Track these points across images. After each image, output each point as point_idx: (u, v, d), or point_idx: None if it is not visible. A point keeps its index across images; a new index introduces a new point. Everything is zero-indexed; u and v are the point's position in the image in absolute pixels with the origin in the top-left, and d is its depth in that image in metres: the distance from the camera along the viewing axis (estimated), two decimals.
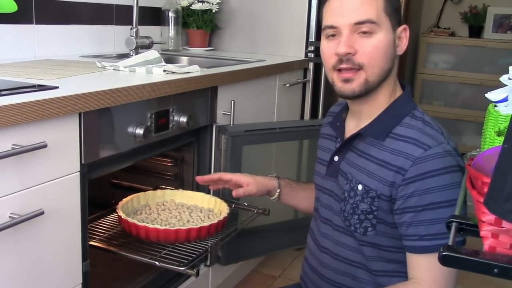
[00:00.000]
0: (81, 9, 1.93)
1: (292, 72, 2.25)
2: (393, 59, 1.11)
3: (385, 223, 1.10)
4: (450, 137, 1.10)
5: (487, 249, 0.66)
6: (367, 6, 1.07)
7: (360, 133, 1.13)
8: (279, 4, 2.40)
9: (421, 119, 1.10)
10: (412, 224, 1.04)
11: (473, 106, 3.94)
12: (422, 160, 1.03)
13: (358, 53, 1.07)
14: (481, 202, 0.64)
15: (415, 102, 1.16)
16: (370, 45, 1.07)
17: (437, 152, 1.03)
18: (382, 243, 1.12)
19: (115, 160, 1.33)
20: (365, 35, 1.07)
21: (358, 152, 1.14)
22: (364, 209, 1.11)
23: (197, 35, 2.47)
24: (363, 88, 1.09)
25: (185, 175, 1.76)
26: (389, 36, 1.09)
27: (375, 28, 1.07)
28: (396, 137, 1.08)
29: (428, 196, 1.02)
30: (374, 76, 1.08)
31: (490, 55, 3.91)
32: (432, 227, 1.02)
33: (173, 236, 1.32)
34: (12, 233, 1.00)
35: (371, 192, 1.09)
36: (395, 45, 1.11)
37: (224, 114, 1.72)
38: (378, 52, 1.07)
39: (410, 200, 1.04)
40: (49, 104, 1.03)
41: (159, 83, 1.37)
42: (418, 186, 1.03)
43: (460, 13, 4.21)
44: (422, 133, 1.06)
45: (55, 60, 1.68)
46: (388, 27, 1.09)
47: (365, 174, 1.11)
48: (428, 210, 1.02)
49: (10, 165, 0.98)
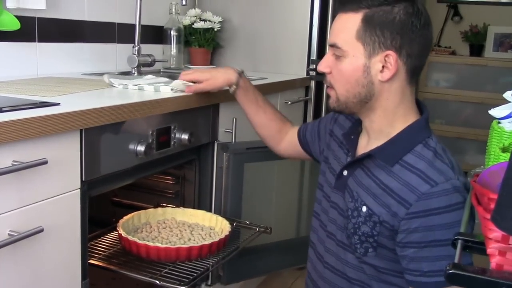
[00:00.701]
0: (84, 27, 1.95)
1: (294, 90, 2.25)
2: (366, 84, 1.09)
3: (385, 248, 1.09)
4: (461, 171, 1.07)
5: (494, 267, 0.64)
6: (341, 31, 1.10)
7: (370, 154, 1.12)
8: (280, 22, 2.41)
9: (433, 150, 1.07)
10: (414, 259, 1.03)
11: (475, 125, 3.94)
12: (428, 196, 1.01)
13: (331, 73, 1.14)
14: (487, 219, 0.63)
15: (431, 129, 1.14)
16: (337, 68, 1.12)
17: (444, 189, 1.01)
18: (381, 265, 1.10)
19: (116, 177, 1.32)
20: (336, 57, 1.11)
21: (367, 171, 1.13)
22: (365, 231, 1.09)
23: (199, 53, 2.48)
24: (336, 105, 1.15)
25: (186, 193, 1.75)
26: (358, 62, 1.08)
27: (341, 52, 1.10)
28: (405, 165, 1.06)
29: (432, 233, 1.01)
30: (342, 96, 1.13)
31: (491, 74, 3.92)
32: (434, 264, 1.01)
33: (174, 255, 1.31)
34: (11, 251, 0.99)
35: (374, 217, 1.08)
36: (369, 71, 1.08)
37: (226, 132, 1.71)
38: (341, 76, 1.11)
39: (413, 235, 1.02)
40: (50, 121, 1.02)
41: (160, 100, 1.37)
42: (422, 222, 1.01)
43: (461, 32, 4.23)
44: (430, 166, 1.04)
45: (57, 78, 1.68)
46: (358, 53, 1.08)
47: (371, 197, 1.09)
48: (431, 247, 1.01)
49: (10, 182, 0.97)
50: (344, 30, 1.09)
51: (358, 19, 1.07)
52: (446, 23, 4.33)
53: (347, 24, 1.08)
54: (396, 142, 1.10)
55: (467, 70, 4.04)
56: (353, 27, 1.07)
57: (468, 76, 4.03)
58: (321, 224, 1.25)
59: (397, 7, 1.06)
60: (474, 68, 4.00)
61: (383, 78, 1.08)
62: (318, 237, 1.26)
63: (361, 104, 1.11)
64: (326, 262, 1.21)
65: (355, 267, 1.14)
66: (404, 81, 1.10)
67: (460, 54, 4.24)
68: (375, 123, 1.13)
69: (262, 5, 2.45)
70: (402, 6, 1.06)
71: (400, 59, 1.07)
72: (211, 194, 1.71)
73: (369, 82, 1.09)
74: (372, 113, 1.13)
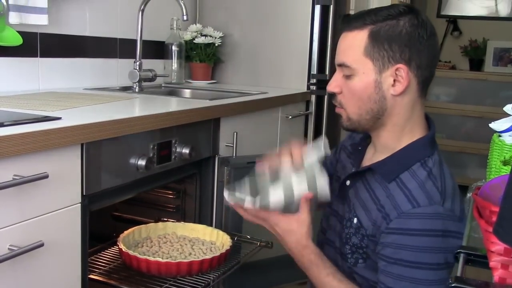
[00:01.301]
0: (85, 42, 1.96)
1: (295, 105, 2.26)
2: (378, 100, 1.08)
3: (373, 261, 1.09)
4: (454, 198, 1.05)
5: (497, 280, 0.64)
6: (348, 50, 1.09)
7: (371, 168, 1.12)
8: (281, 37, 2.43)
9: (428, 170, 1.06)
10: (383, 272, 1.04)
11: (476, 139, 3.94)
12: (407, 216, 1.02)
13: (342, 93, 1.12)
14: (489, 232, 0.63)
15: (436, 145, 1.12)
16: (347, 87, 1.10)
17: (425, 212, 1.01)
18: (370, 278, 1.10)
19: (117, 191, 1.32)
20: (346, 76, 1.10)
21: (366, 185, 1.13)
22: (355, 242, 1.11)
23: (200, 68, 2.49)
24: (348, 123, 1.13)
25: (187, 207, 1.74)
26: (369, 78, 1.07)
27: (351, 71, 1.08)
28: (399, 183, 1.07)
29: (401, 252, 1.01)
30: (353, 114, 1.11)
31: (491, 88, 3.93)
32: (398, 283, 1.02)
33: (175, 269, 1.30)
34: (11, 265, 0.98)
35: (362, 230, 1.09)
36: (380, 87, 1.08)
37: (227, 146, 1.71)
38: (352, 94, 1.10)
39: (386, 250, 1.03)
40: (51, 135, 1.02)
41: (161, 114, 1.37)
42: (395, 239, 1.02)
43: (460, 47, 4.25)
44: (420, 187, 1.04)
45: (59, 93, 1.69)
46: (368, 69, 1.07)
47: (364, 210, 1.10)
48: (398, 266, 1.02)
49: (11, 196, 0.97)
50: (351, 48, 1.08)
51: (365, 35, 1.06)
52: (446, 38, 4.35)
53: (354, 42, 1.08)
54: (396, 158, 1.10)
55: (467, 84, 4.05)
56: (361, 44, 1.06)
57: (468, 90, 4.05)
58: (324, 234, 1.26)
59: (402, 20, 1.06)
60: (474, 82, 4.02)
61: (395, 92, 1.07)
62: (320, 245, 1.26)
63: (373, 120, 1.10)
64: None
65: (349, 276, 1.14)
66: (415, 93, 1.09)
67: (460, 69, 4.26)
68: (383, 138, 1.13)
69: (262, 19, 2.46)
70: (407, 19, 1.06)
71: (411, 71, 1.07)
72: (212, 208, 1.70)
73: (382, 97, 1.08)
74: (382, 128, 1.12)
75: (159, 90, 2.25)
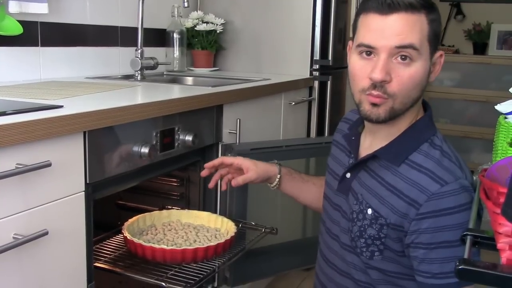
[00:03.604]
0: (86, 31, 1.95)
1: (298, 91, 2.25)
2: (424, 87, 1.06)
3: (392, 250, 1.07)
4: (468, 169, 1.05)
5: (505, 262, 0.63)
6: (411, 30, 1.00)
7: (375, 155, 1.10)
8: (283, 23, 2.41)
9: (439, 148, 1.05)
10: (424, 260, 1.01)
11: (480, 123, 3.92)
12: (438, 196, 0.99)
13: (392, 81, 1.01)
14: (497, 213, 0.62)
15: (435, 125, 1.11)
16: (406, 75, 1.01)
17: (454, 188, 0.99)
18: (388, 269, 1.08)
19: (121, 179, 1.32)
20: (403, 61, 1.01)
21: (371, 173, 1.10)
22: (371, 234, 1.07)
23: (202, 55, 2.47)
24: (388, 115, 1.04)
25: (191, 195, 1.74)
26: (427, 65, 1.04)
27: (415, 56, 1.01)
28: (412, 165, 1.04)
29: (442, 234, 0.98)
30: (401, 105, 1.04)
31: (495, 72, 3.90)
32: (445, 266, 0.99)
33: (180, 257, 1.30)
34: (16, 254, 0.98)
35: (381, 219, 1.06)
36: (427, 74, 1.05)
37: (230, 133, 1.70)
38: (412, 83, 1.02)
39: (423, 236, 1.00)
40: (53, 123, 1.02)
41: (164, 102, 1.36)
42: (432, 222, 0.99)
43: (464, 31, 4.22)
44: (439, 165, 1.02)
45: (60, 82, 1.68)
46: (427, 55, 1.03)
47: (377, 199, 1.07)
48: (441, 248, 0.99)
49: (14, 185, 0.97)
50: (415, 30, 1.00)
51: (425, 19, 1.02)
52: (449, 22, 4.32)
53: (417, 25, 1.01)
54: (401, 142, 1.08)
55: (471, 68, 4.02)
56: (424, 28, 1.01)
57: (472, 74, 4.02)
58: (326, 228, 1.24)
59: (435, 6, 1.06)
60: (478, 66, 3.99)
61: (432, 78, 1.07)
62: (323, 240, 1.25)
63: (408, 108, 1.07)
64: (332, 263, 1.20)
65: (361, 269, 1.12)
66: None
67: (463, 53, 4.23)
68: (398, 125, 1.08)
69: (264, 5, 2.44)
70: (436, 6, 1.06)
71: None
72: (216, 195, 1.70)
73: (426, 83, 1.06)
74: (403, 115, 1.07)
75: (161, 78, 2.24)
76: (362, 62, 1.04)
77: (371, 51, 1.03)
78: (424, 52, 1.02)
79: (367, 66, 1.03)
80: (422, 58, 1.02)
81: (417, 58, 1.01)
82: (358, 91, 1.06)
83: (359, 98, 1.07)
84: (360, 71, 1.05)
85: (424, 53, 1.02)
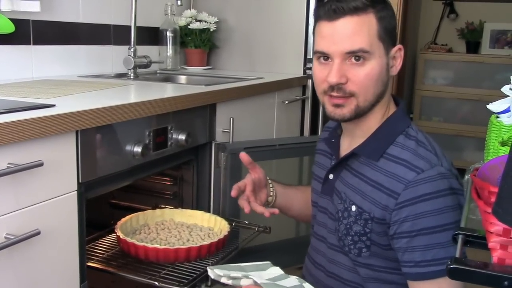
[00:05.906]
0: (79, 29, 1.94)
1: (291, 89, 2.25)
2: (386, 82, 1.10)
3: (378, 245, 1.08)
4: (445, 156, 1.08)
5: (496, 261, 0.64)
6: (359, 34, 1.05)
7: (354, 153, 1.12)
8: (276, 22, 2.41)
9: (414, 139, 1.08)
10: (407, 250, 1.02)
11: (473, 122, 3.94)
12: (415, 183, 1.01)
13: (349, 81, 1.06)
14: (488, 213, 0.62)
15: (410, 117, 1.15)
16: (362, 74, 1.06)
17: (430, 175, 1.01)
18: (376, 264, 1.10)
19: (113, 178, 1.31)
20: (357, 62, 1.06)
21: (353, 171, 1.13)
22: (357, 230, 1.09)
23: (195, 54, 2.47)
24: (354, 113, 1.09)
25: (184, 194, 1.74)
26: (382, 61, 1.08)
27: (367, 56, 1.06)
28: (390, 157, 1.07)
29: (421, 220, 1.00)
30: (365, 102, 1.08)
31: (488, 71, 3.92)
32: (427, 253, 1.00)
33: (173, 256, 1.30)
34: (8, 254, 0.98)
35: (364, 214, 1.08)
36: (388, 68, 1.10)
37: (223, 132, 1.70)
38: (369, 80, 1.06)
39: (403, 225, 1.02)
40: (45, 122, 1.01)
41: (157, 101, 1.36)
42: (410, 210, 1.01)
43: (457, 30, 4.23)
44: (415, 155, 1.04)
45: (53, 80, 1.67)
46: (381, 52, 1.07)
47: (359, 195, 1.09)
48: (421, 236, 1.00)
49: (6, 184, 0.96)
50: (363, 32, 1.05)
51: (373, 18, 1.05)
52: (442, 20, 4.33)
53: (364, 26, 1.05)
54: (377, 137, 1.11)
55: (464, 67, 4.04)
56: (373, 28, 1.05)
57: (465, 73, 4.03)
58: (313, 232, 1.26)
59: (387, 1, 1.10)
60: (471, 65, 4.00)
61: (395, 71, 1.11)
62: (310, 243, 1.28)
63: (375, 104, 1.10)
64: (320, 264, 1.21)
65: (349, 269, 1.13)
66: None
67: (456, 52, 4.24)
68: (369, 121, 1.12)
69: (257, 4, 2.44)
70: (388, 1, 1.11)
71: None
72: (209, 194, 1.70)
73: (388, 78, 1.10)
74: (371, 111, 1.11)
75: (154, 76, 2.24)
76: (321, 67, 1.10)
77: (327, 56, 1.08)
78: (376, 50, 1.06)
79: (324, 70, 1.09)
80: (375, 56, 1.06)
81: (370, 58, 1.06)
82: (320, 93, 1.13)
83: (323, 100, 1.13)
84: (319, 75, 1.11)
85: (376, 51, 1.06)
